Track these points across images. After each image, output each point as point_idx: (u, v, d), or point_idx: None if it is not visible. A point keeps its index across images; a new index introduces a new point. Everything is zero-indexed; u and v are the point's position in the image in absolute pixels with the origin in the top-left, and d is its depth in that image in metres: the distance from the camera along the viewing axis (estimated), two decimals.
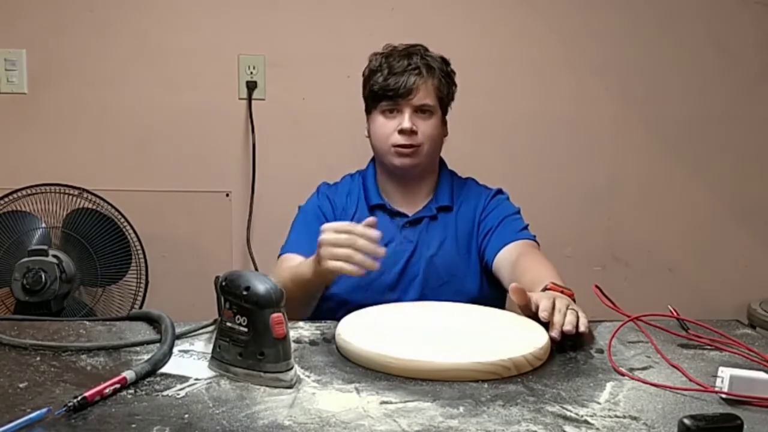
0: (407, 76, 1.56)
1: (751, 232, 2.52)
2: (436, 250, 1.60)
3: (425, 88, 1.57)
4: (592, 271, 2.46)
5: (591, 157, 2.44)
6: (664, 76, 2.42)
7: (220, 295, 1.02)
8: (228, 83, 2.31)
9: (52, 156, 2.29)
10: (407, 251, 1.59)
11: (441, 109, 1.62)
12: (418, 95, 1.56)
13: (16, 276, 1.98)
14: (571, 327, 1.13)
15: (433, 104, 1.59)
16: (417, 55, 1.59)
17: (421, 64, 1.58)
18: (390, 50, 1.61)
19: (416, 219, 1.62)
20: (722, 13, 2.41)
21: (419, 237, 1.61)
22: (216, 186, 2.35)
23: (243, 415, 0.88)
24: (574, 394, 0.97)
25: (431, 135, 1.59)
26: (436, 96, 1.59)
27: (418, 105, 1.57)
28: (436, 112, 1.60)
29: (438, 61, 1.62)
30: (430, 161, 1.63)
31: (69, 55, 2.28)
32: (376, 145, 1.63)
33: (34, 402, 0.90)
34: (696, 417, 0.82)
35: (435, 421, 0.88)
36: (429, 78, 1.58)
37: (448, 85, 1.63)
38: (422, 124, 1.58)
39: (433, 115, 1.59)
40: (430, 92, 1.58)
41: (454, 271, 1.59)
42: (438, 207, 1.63)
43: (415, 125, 1.56)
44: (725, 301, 2.47)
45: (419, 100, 1.57)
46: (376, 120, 1.61)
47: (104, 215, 2.16)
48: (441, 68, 1.62)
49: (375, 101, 1.60)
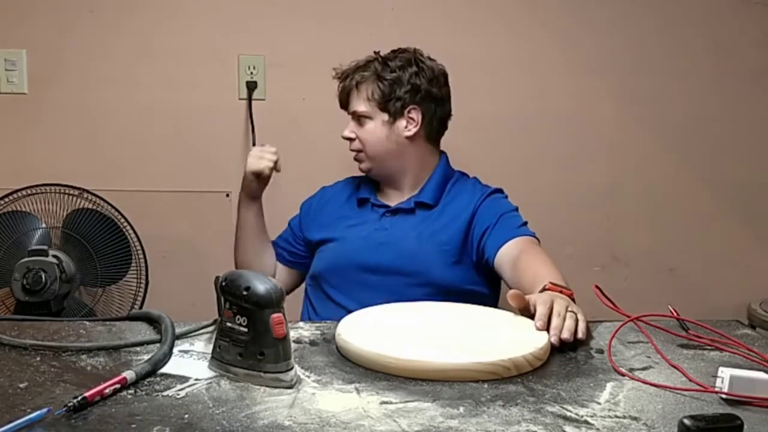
0: (343, 89, 1.72)
1: (751, 232, 2.52)
2: (408, 241, 1.65)
3: (355, 96, 1.70)
4: (592, 271, 2.46)
5: (591, 157, 2.44)
6: (664, 75, 2.42)
7: (220, 296, 1.02)
8: (228, 83, 2.31)
9: (52, 156, 2.29)
10: (380, 237, 1.67)
11: (383, 110, 1.68)
12: (351, 104, 1.71)
13: (16, 276, 1.98)
14: (569, 335, 1.14)
15: (365, 110, 1.69)
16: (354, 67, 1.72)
17: (354, 74, 1.70)
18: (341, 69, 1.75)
19: (394, 210, 1.71)
20: (722, 13, 2.41)
21: (393, 226, 1.68)
22: (216, 186, 2.35)
23: (243, 416, 0.88)
24: (574, 395, 0.97)
25: (367, 139, 1.70)
26: (368, 100, 1.68)
27: (353, 112, 1.71)
28: (374, 115, 1.69)
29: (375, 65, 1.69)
30: (382, 163, 1.72)
31: (69, 55, 2.28)
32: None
33: (34, 402, 0.90)
34: (696, 417, 0.82)
35: (435, 422, 0.88)
36: (362, 84, 1.69)
37: (388, 84, 1.68)
38: (359, 130, 1.71)
39: (370, 120, 1.69)
40: (362, 99, 1.69)
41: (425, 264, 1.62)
42: (417, 202, 1.70)
43: (353, 132, 1.71)
44: (725, 301, 2.46)
45: (353, 107, 1.71)
46: None
47: (104, 215, 2.16)
48: (376, 70, 1.69)
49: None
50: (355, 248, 1.66)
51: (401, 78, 1.67)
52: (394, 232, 1.67)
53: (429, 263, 1.62)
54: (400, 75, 1.67)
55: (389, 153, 1.70)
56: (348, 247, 1.67)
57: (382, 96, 1.67)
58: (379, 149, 1.70)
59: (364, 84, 1.68)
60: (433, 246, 1.63)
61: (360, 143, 1.71)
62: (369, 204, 1.75)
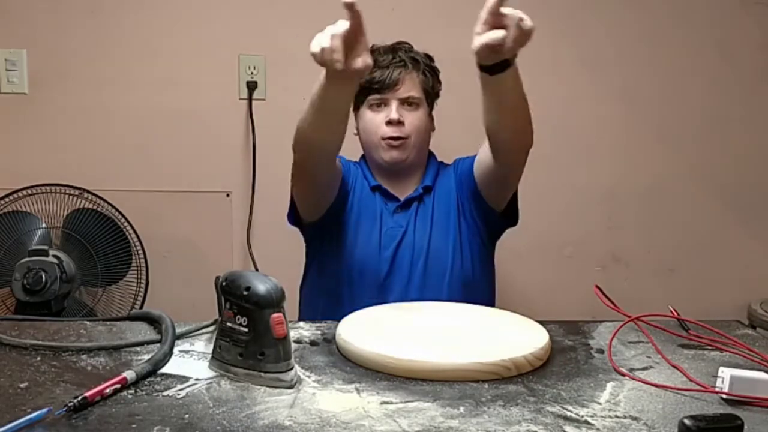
0: (392, 69, 1.60)
1: (751, 232, 2.52)
2: (422, 233, 1.62)
3: (410, 81, 1.61)
4: (592, 271, 2.46)
5: (592, 157, 2.44)
6: (665, 76, 2.42)
7: (220, 296, 1.02)
8: (228, 83, 2.31)
9: (53, 156, 2.29)
10: (398, 236, 1.62)
11: (427, 102, 1.65)
12: (404, 87, 1.60)
13: (17, 276, 1.98)
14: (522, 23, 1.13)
15: (419, 96, 1.63)
16: (402, 50, 1.64)
17: (406, 58, 1.62)
18: (375, 47, 1.63)
19: (406, 202, 1.66)
20: (724, 14, 2.41)
21: (408, 222, 1.64)
22: (216, 186, 2.35)
23: (243, 416, 0.88)
24: (575, 395, 0.97)
25: (418, 126, 1.62)
26: (421, 89, 1.63)
27: (404, 97, 1.61)
28: (422, 104, 1.64)
29: (422, 57, 1.66)
30: (418, 154, 1.66)
31: (69, 55, 2.28)
32: (365, 140, 1.67)
33: (35, 402, 0.90)
34: (696, 417, 0.82)
35: (435, 422, 0.88)
36: (414, 71, 1.62)
37: (432, 79, 1.66)
38: (409, 115, 1.61)
39: (419, 108, 1.63)
40: (415, 85, 1.62)
41: (439, 254, 1.61)
42: (423, 187, 1.66)
43: (402, 116, 1.60)
44: (725, 301, 2.46)
45: (405, 92, 1.61)
46: (365, 115, 1.64)
47: (105, 215, 2.16)
48: (425, 63, 1.66)
49: (362, 96, 1.63)
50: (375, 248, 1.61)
51: (437, 73, 1.68)
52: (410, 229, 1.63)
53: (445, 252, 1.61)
54: (436, 69, 1.68)
55: (425, 146, 1.68)
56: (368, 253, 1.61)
57: (431, 86, 1.65)
58: (423, 140, 1.65)
59: (416, 71, 1.62)
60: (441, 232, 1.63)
61: (408, 129, 1.61)
62: (380, 193, 1.66)
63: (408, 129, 1.60)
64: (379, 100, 1.61)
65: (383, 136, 1.60)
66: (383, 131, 1.60)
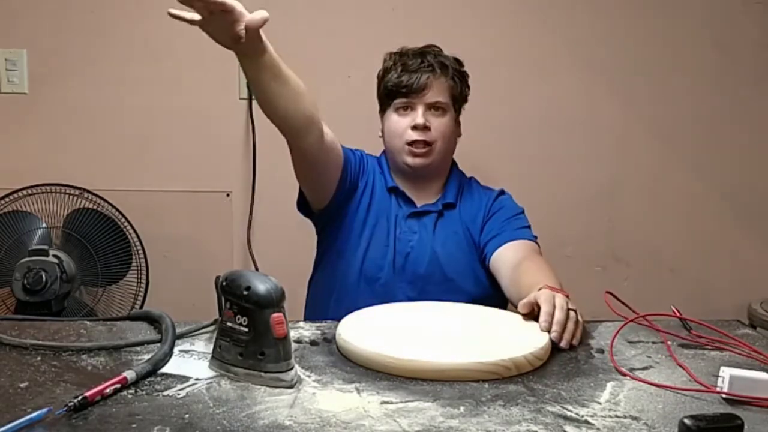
0: (420, 74, 1.58)
1: (752, 232, 2.51)
2: (441, 248, 1.60)
3: (438, 86, 1.59)
4: (592, 271, 2.46)
5: (592, 157, 2.44)
6: (666, 76, 2.41)
7: (220, 295, 1.02)
8: (228, 83, 2.31)
9: (53, 156, 2.29)
10: (410, 242, 1.60)
11: (454, 108, 1.63)
12: (431, 92, 1.58)
13: (17, 276, 1.98)
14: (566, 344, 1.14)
15: (446, 102, 1.60)
16: (431, 54, 1.62)
17: (434, 63, 1.60)
18: (404, 50, 1.63)
19: (422, 211, 1.63)
20: (723, 14, 2.40)
21: (423, 230, 1.61)
22: (216, 186, 2.35)
23: (243, 415, 0.88)
24: (575, 394, 0.97)
25: (444, 132, 1.60)
26: (449, 94, 1.61)
27: (431, 102, 1.59)
28: (449, 110, 1.61)
29: (451, 61, 1.64)
30: (443, 160, 1.64)
31: (69, 55, 2.28)
32: (389, 144, 1.65)
33: (35, 402, 0.90)
34: (696, 417, 0.82)
35: (435, 421, 0.88)
36: (442, 76, 1.60)
37: (461, 84, 1.64)
38: (435, 121, 1.59)
39: (446, 113, 1.61)
40: (443, 90, 1.60)
41: (457, 269, 1.60)
42: (444, 203, 1.64)
43: (428, 121, 1.58)
44: (726, 301, 2.46)
45: (432, 97, 1.58)
46: (390, 118, 1.62)
47: (105, 215, 2.16)
48: (454, 68, 1.63)
49: (389, 99, 1.61)
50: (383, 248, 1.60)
51: (466, 78, 1.65)
52: (426, 238, 1.61)
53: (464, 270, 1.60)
54: (465, 74, 1.65)
55: (450, 152, 1.66)
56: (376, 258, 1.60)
57: (459, 92, 1.63)
58: (448, 146, 1.63)
59: (444, 76, 1.60)
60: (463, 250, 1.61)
61: (434, 134, 1.59)
62: (396, 195, 1.64)
63: (434, 134, 1.59)
64: (405, 103, 1.59)
65: (408, 140, 1.59)
66: (409, 135, 1.59)
